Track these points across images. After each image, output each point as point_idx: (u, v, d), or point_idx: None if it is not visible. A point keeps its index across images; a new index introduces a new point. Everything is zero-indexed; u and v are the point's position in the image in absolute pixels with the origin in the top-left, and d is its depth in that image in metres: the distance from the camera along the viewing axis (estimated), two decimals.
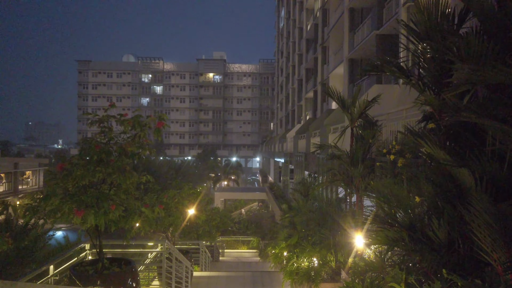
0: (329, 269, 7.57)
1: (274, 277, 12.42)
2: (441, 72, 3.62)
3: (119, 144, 5.21)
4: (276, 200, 24.33)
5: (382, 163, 6.36)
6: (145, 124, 5.23)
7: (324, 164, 11.35)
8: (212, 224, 16.88)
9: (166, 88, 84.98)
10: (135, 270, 5.91)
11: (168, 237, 11.69)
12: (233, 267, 18.22)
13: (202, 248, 13.33)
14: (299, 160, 19.09)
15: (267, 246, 18.07)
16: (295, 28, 42.84)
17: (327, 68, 26.73)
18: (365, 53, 19.08)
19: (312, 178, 14.45)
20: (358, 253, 6.95)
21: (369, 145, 7.54)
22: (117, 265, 5.87)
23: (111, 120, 5.20)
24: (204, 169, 56.45)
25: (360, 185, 7.55)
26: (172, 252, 7.86)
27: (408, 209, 4.13)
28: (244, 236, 26.74)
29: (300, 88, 39.65)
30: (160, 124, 5.06)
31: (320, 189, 11.84)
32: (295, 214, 12.72)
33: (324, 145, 8.11)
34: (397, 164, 5.86)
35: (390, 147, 6.73)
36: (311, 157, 15.73)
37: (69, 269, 5.56)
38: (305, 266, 7.75)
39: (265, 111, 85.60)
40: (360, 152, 7.53)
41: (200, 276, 12.38)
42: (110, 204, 4.82)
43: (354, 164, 7.51)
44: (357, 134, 7.81)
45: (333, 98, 7.73)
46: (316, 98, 29.89)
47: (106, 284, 5.43)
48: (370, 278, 4.14)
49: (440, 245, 3.56)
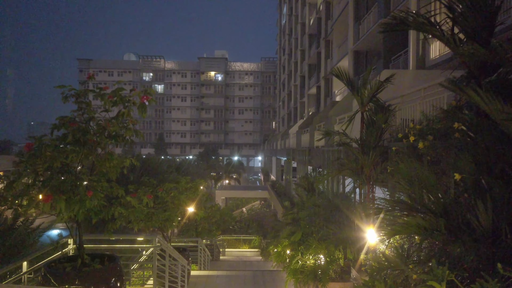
0: (337, 267, 6.87)
1: (277, 276, 11.73)
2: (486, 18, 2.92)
3: (99, 123, 4.53)
4: (278, 197, 23.64)
5: (399, 148, 5.66)
6: (128, 99, 4.55)
7: (331, 155, 10.66)
8: (211, 222, 16.18)
9: (167, 86, 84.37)
10: (120, 268, 5.22)
11: (164, 233, 11.00)
12: (233, 266, 17.53)
13: (201, 245, 12.64)
14: (302, 155, 18.40)
15: (269, 244, 17.40)
16: (297, 24, 42.21)
17: (330, 62, 26.04)
18: (371, 44, 18.37)
19: (316, 172, 13.76)
20: (370, 249, 6.25)
21: (382, 131, 6.83)
22: (100, 261, 5.20)
23: (90, 95, 4.52)
24: (206, 168, 55.78)
25: (372, 174, 6.85)
26: (165, 248, 7.17)
27: (440, 193, 3.44)
28: (246, 235, 26.13)
29: (302, 84, 38.99)
30: (144, 98, 4.37)
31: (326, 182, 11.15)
32: (299, 209, 12.03)
33: (332, 132, 7.41)
34: (416, 147, 5.16)
35: (407, 130, 6.03)
36: (315, 151, 15.02)
37: (43, 267, 4.88)
38: (311, 264, 7.05)
39: (267, 110, 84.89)
40: (371, 139, 6.83)
41: (198, 275, 11.70)
42: (86, 190, 4.14)
43: (365, 152, 6.80)
44: (368, 119, 7.11)
45: (341, 79, 7.03)
46: (319, 94, 29.19)
47: (85, 283, 4.75)
48: (392, 277, 3.45)
49: (484, 234, 2.86)
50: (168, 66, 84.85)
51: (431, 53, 11.72)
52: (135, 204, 5.15)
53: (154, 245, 6.45)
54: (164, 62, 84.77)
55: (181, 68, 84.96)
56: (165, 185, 10.60)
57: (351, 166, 7.02)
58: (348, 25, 21.02)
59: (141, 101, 4.38)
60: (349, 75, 7.02)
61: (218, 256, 19.54)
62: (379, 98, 7.37)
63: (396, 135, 6.70)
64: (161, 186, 10.59)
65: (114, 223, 5.00)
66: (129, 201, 5.06)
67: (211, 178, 52.45)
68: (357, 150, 7.04)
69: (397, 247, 4.04)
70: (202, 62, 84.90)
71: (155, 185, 11.01)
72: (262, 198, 36.89)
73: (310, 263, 7.17)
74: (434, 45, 11.76)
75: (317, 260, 7.08)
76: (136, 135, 5.05)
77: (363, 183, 7.06)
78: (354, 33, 19.82)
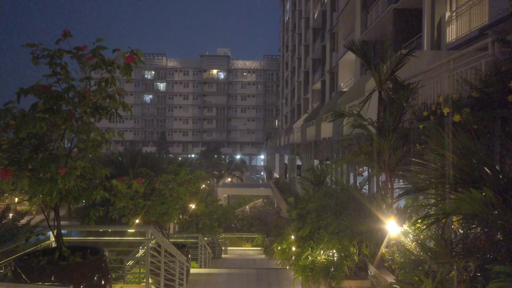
0: (352, 263, 6.13)
1: (282, 274, 11.00)
2: None
3: (77, 90, 3.82)
4: (282, 194, 22.90)
5: (427, 126, 4.91)
6: (112, 62, 3.83)
7: (340, 145, 9.92)
8: (213, 218, 15.47)
9: (169, 85, 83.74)
10: (105, 262, 4.51)
11: (163, 228, 10.31)
12: (236, 264, 16.82)
13: (201, 242, 11.92)
14: (307, 149, 17.65)
15: (273, 243, 16.69)
16: (301, 19, 41.49)
17: (336, 55, 25.28)
18: (380, 33, 17.61)
19: (324, 165, 13.03)
20: (390, 243, 5.52)
21: (403, 111, 6.09)
22: (82, 254, 4.49)
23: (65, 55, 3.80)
24: (208, 166, 55.11)
25: (391, 160, 6.10)
26: (160, 242, 6.46)
27: (496, 165, 2.71)
28: (248, 233, 25.47)
29: (306, 80, 38.26)
30: (130, 59, 3.65)
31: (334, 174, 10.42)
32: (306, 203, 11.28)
33: (344, 113, 6.67)
34: (447, 123, 4.43)
35: (433, 107, 5.29)
36: (321, 144, 14.28)
37: (13, 260, 4.18)
38: (323, 260, 6.31)
39: (269, 108, 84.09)
40: (390, 120, 6.09)
41: (198, 273, 10.99)
42: (59, 167, 3.43)
43: (383, 135, 6.06)
44: (387, 98, 6.38)
45: (356, 52, 6.30)
46: (324, 88, 28.43)
47: (63, 278, 4.05)
48: (441, 271, 2.72)
49: None
50: (170, 64, 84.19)
51: (447, 36, 10.96)
52: (123, 189, 4.44)
53: (148, 237, 5.73)
54: (166, 60, 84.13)
55: (183, 66, 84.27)
56: (163, 176, 9.91)
57: (367, 151, 6.28)
58: (355, 15, 20.27)
59: (126, 61, 3.66)
60: (364, 48, 6.28)
61: (220, 254, 18.84)
62: (397, 76, 6.64)
63: (418, 116, 5.96)
64: (159, 177, 9.91)
65: (97, 210, 4.29)
66: (116, 185, 4.35)
67: (213, 177, 51.78)
68: (374, 133, 6.31)
69: (438, 236, 3.30)
70: (204, 60, 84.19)
71: (152, 176, 10.34)
72: (265, 196, 36.18)
73: (322, 259, 6.43)
74: (450, 28, 11.00)
75: (329, 256, 6.34)
76: (123, 108, 4.34)
77: (381, 169, 6.32)
78: (362, 23, 19.07)
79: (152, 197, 9.58)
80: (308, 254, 6.57)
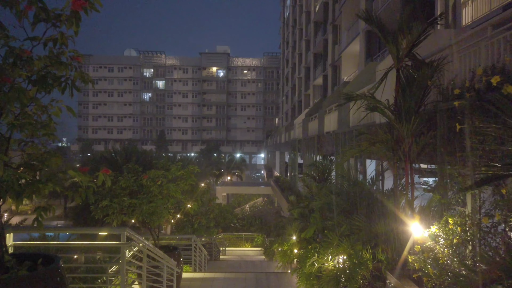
0: (366, 272, 5.21)
1: (283, 279, 10.08)
2: None
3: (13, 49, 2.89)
4: (282, 193, 21.96)
5: (463, 102, 3.97)
6: (57, 13, 2.88)
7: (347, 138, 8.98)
8: (210, 217, 14.52)
9: (168, 82, 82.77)
10: (61, 274, 3.58)
11: (152, 230, 9.37)
12: (234, 267, 15.88)
13: (195, 243, 10.99)
14: (310, 144, 16.70)
15: (273, 243, 15.78)
16: (302, 14, 40.55)
17: (338, 48, 24.33)
18: (385, 21, 16.63)
19: (327, 160, 12.09)
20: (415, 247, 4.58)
21: (426, 91, 5.15)
22: (31, 265, 3.56)
23: None
24: (207, 165, 54.20)
25: (412, 149, 5.16)
26: (140, 247, 5.53)
27: None
28: (248, 233, 24.57)
29: (307, 76, 37.33)
30: (77, 5, 2.69)
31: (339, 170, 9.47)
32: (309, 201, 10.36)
33: (356, 95, 5.72)
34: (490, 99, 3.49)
35: (467, 83, 4.35)
36: (325, 138, 13.34)
37: None
38: (331, 268, 5.39)
39: (269, 106, 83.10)
40: (412, 102, 5.15)
41: (192, 278, 10.07)
42: None
43: (403, 119, 5.12)
44: (406, 77, 5.43)
45: (370, 22, 5.37)
46: (326, 83, 27.49)
47: None
48: None
49: None
50: (169, 61, 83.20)
51: (463, 19, 10.03)
52: (83, 182, 3.50)
53: (122, 242, 4.78)
54: (165, 57, 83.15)
55: (182, 64, 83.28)
56: (151, 172, 8.96)
57: (384, 139, 5.33)
58: (359, 4, 19.34)
59: (72, 7, 2.71)
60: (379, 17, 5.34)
61: (217, 256, 17.89)
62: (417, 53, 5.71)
63: (445, 95, 5.01)
64: (147, 173, 8.97)
65: (47, 210, 3.34)
66: (73, 175, 3.41)
67: (212, 175, 50.85)
68: (391, 118, 5.37)
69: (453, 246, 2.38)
70: (204, 58, 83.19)
71: (139, 172, 9.39)
72: (265, 195, 35.28)
73: (330, 266, 5.50)
74: (466, 9, 10.07)
75: (340, 262, 5.40)
76: (81, 79, 3.40)
77: (400, 161, 5.38)
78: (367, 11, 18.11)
79: (139, 195, 8.65)
80: (314, 260, 5.64)
